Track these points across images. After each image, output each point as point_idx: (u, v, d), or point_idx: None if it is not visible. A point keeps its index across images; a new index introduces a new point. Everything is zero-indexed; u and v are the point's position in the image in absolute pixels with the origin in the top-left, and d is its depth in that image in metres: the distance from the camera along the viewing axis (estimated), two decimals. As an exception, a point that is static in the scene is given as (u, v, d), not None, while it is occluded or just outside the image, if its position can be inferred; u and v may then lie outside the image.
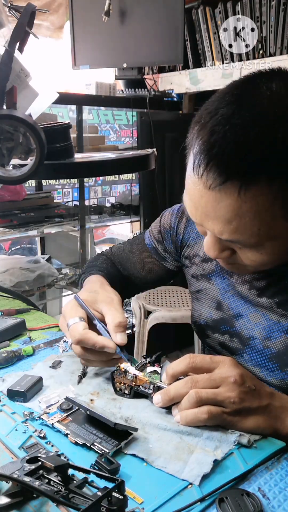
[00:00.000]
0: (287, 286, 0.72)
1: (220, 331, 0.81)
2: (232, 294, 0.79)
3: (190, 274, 0.89)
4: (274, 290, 0.73)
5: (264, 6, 1.88)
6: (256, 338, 0.74)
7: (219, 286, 0.81)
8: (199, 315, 0.86)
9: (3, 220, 1.95)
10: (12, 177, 0.80)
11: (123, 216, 2.52)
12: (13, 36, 0.77)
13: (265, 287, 0.74)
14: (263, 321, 0.74)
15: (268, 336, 0.73)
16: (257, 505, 0.49)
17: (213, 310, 0.82)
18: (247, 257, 0.64)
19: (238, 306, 0.78)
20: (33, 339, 0.90)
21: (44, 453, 0.54)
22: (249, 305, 0.76)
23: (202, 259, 0.86)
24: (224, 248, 0.65)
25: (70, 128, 1.29)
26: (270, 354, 0.72)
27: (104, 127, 3.31)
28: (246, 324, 0.76)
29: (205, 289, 0.84)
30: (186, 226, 0.90)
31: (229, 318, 0.79)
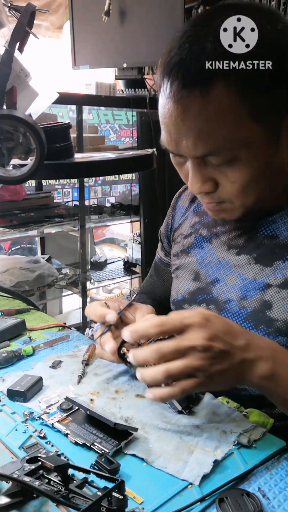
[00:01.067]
0: (264, 239, 0.73)
1: (197, 302, 0.80)
2: (209, 261, 0.80)
3: (172, 254, 0.91)
4: (252, 245, 0.74)
5: (264, 6, 1.88)
6: (232, 300, 0.74)
7: (197, 256, 0.83)
8: (177, 292, 0.85)
9: (3, 220, 1.95)
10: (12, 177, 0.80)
11: (123, 216, 2.52)
12: (13, 36, 0.77)
13: (243, 244, 0.75)
14: (239, 281, 0.74)
15: (244, 296, 0.73)
16: (257, 505, 0.49)
17: (191, 282, 0.82)
18: (229, 181, 0.65)
19: (214, 272, 0.78)
20: (33, 339, 0.90)
21: (44, 453, 0.54)
22: (225, 268, 0.77)
23: (183, 236, 0.88)
24: (205, 178, 0.66)
25: (70, 128, 1.29)
26: (246, 314, 0.72)
27: (104, 127, 3.31)
28: (223, 288, 0.76)
29: (183, 264, 0.86)
30: (173, 215, 0.94)
31: (205, 286, 0.79)
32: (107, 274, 2.54)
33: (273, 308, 0.69)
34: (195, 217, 0.88)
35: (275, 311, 0.69)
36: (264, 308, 0.70)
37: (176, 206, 0.95)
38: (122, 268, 2.61)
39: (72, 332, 0.94)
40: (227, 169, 0.64)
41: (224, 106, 0.59)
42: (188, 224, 0.89)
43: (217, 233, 0.80)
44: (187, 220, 0.89)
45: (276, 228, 0.72)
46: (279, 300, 0.69)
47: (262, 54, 0.58)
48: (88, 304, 0.79)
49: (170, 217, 0.95)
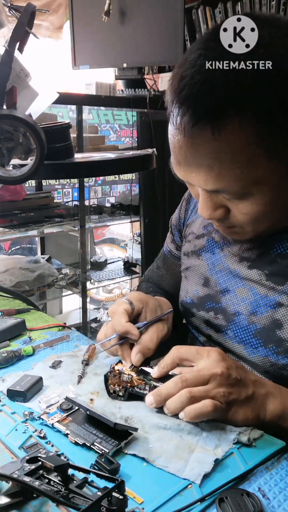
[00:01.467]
0: (277, 257, 0.71)
1: (205, 308, 0.79)
2: (220, 269, 0.78)
3: (183, 252, 0.90)
4: (264, 261, 0.72)
5: (264, 6, 1.88)
6: (242, 313, 0.73)
7: (208, 261, 0.81)
8: (186, 293, 0.85)
9: (3, 220, 1.94)
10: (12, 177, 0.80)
11: (123, 216, 2.51)
12: (13, 36, 0.77)
13: (256, 258, 0.73)
14: (250, 295, 0.73)
15: (254, 311, 0.72)
16: (257, 505, 0.49)
17: (200, 287, 0.81)
18: (239, 212, 0.64)
19: (225, 281, 0.77)
20: (33, 339, 0.90)
21: (44, 453, 0.54)
22: (237, 280, 0.75)
23: (195, 235, 0.86)
24: (216, 206, 0.65)
25: (70, 128, 1.29)
26: (254, 330, 0.71)
27: (104, 127, 3.31)
28: (233, 299, 0.75)
29: (194, 266, 0.84)
30: (187, 208, 0.92)
31: (215, 294, 0.78)
32: (107, 274, 2.54)
33: (284, 328, 0.68)
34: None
35: (286, 331, 0.68)
36: (274, 327, 0.69)
37: (190, 199, 0.92)
38: (122, 268, 2.61)
39: (72, 332, 0.94)
40: (239, 202, 0.62)
41: (238, 146, 0.56)
42: (201, 224, 0.86)
43: (230, 241, 0.78)
44: (201, 218, 0.87)
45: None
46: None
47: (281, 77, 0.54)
48: (115, 303, 0.77)
49: (183, 210, 0.92)
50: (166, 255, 1.00)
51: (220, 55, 0.55)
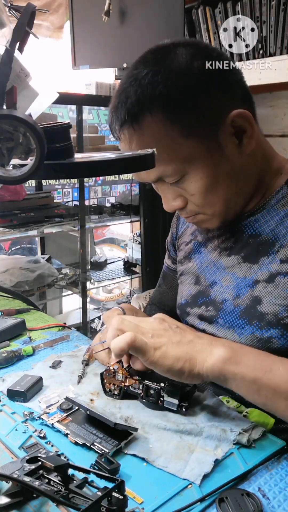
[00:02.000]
0: (249, 238, 0.77)
1: (197, 304, 0.84)
2: (207, 265, 0.84)
3: (177, 262, 0.95)
4: (239, 246, 0.78)
5: (264, 6, 1.88)
6: (228, 299, 0.78)
7: (197, 261, 0.87)
8: (181, 296, 0.89)
9: (3, 220, 1.94)
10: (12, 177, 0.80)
11: (123, 216, 2.51)
12: (13, 36, 0.77)
13: (232, 246, 0.79)
14: (232, 281, 0.78)
15: (237, 295, 0.76)
16: (257, 505, 0.49)
17: (192, 286, 0.86)
18: (189, 194, 0.72)
19: (212, 275, 0.82)
20: (33, 339, 0.90)
21: (44, 453, 0.54)
22: (221, 270, 0.81)
23: (185, 243, 0.92)
24: (173, 196, 0.75)
25: (70, 128, 1.29)
26: (239, 311, 0.75)
27: (104, 127, 3.31)
28: (220, 289, 0.80)
29: (186, 269, 0.89)
30: (177, 224, 0.99)
31: (205, 289, 0.83)
32: (107, 274, 2.54)
33: (263, 303, 0.72)
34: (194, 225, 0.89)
35: (265, 305, 0.72)
36: (255, 304, 0.73)
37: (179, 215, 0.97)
38: (122, 268, 2.61)
39: (72, 332, 0.94)
40: (184, 185, 0.71)
41: (156, 133, 0.68)
42: (189, 232, 0.93)
43: (210, 238, 0.84)
44: (189, 227, 0.93)
45: (259, 227, 0.76)
46: (267, 294, 0.72)
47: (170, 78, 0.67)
48: (106, 312, 0.85)
49: (174, 226, 0.99)
50: (165, 271, 1.06)
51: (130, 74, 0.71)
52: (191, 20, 2.15)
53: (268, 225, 0.75)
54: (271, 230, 0.74)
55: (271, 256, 0.73)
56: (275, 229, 0.74)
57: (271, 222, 0.75)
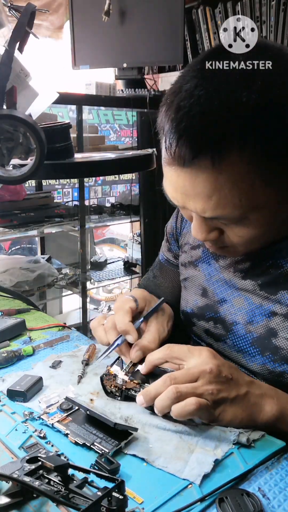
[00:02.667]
0: (269, 267, 0.71)
1: (205, 318, 0.81)
2: (216, 280, 0.79)
3: (180, 262, 0.90)
4: (257, 272, 0.73)
5: (264, 6, 1.88)
6: (239, 323, 0.74)
7: (205, 272, 0.82)
8: (186, 303, 0.86)
9: (3, 220, 1.94)
10: (12, 177, 0.80)
11: (123, 216, 2.51)
12: (13, 36, 0.77)
13: (249, 269, 0.74)
14: (246, 305, 0.74)
15: (250, 321, 0.73)
16: (257, 505, 0.49)
17: (199, 297, 0.83)
18: (234, 234, 0.64)
19: (222, 292, 0.78)
20: (33, 339, 0.90)
21: (44, 453, 0.54)
22: (233, 290, 0.76)
23: (191, 246, 0.87)
24: (211, 228, 0.65)
25: (70, 128, 1.29)
26: (252, 338, 0.72)
27: (104, 127, 3.31)
28: (230, 309, 0.76)
29: (191, 277, 0.85)
30: (182, 218, 0.92)
31: (213, 304, 0.79)
32: (107, 274, 2.54)
33: (279, 337, 0.69)
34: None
35: (280, 340, 0.69)
36: (270, 335, 0.70)
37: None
38: (122, 268, 2.61)
39: (72, 332, 0.94)
40: (235, 226, 0.63)
41: (237, 175, 0.56)
42: None
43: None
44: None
45: (281, 257, 0.70)
46: (284, 329, 0.69)
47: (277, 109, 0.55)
48: (121, 299, 0.78)
49: (179, 219, 0.92)
50: (163, 264, 1.00)
51: (217, 85, 0.55)
52: (191, 20, 2.15)
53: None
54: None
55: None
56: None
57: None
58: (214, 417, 0.60)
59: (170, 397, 0.59)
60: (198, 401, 0.58)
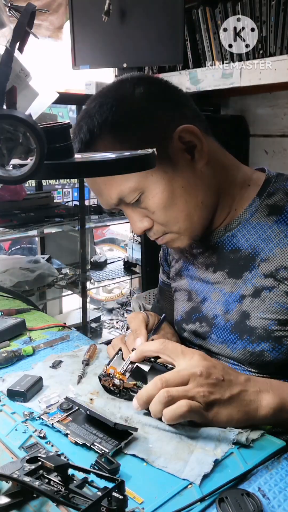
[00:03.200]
0: (229, 253, 0.78)
1: (192, 320, 0.85)
2: (196, 282, 0.85)
3: (170, 278, 0.97)
4: (222, 262, 0.80)
5: (264, 6, 1.87)
6: (219, 315, 0.79)
7: (187, 278, 0.88)
8: (177, 313, 0.90)
9: (3, 220, 1.94)
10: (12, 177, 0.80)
11: (123, 216, 2.51)
12: (13, 36, 0.77)
13: (216, 262, 0.81)
14: (221, 296, 0.79)
15: (227, 310, 0.77)
16: (257, 505, 0.49)
17: (185, 303, 0.87)
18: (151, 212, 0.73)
19: (202, 291, 0.83)
20: (33, 339, 0.90)
21: (44, 453, 0.54)
22: (209, 286, 0.81)
23: (175, 260, 0.94)
24: (139, 217, 0.75)
25: (70, 128, 1.29)
26: (230, 326, 0.76)
27: (104, 127, 3.31)
28: (210, 305, 0.81)
29: (179, 286, 0.91)
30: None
31: (197, 305, 0.84)
32: (107, 274, 2.54)
33: (251, 317, 0.73)
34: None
35: (253, 320, 0.73)
36: (244, 318, 0.74)
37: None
38: (122, 268, 2.61)
39: (72, 332, 0.94)
40: (143, 204, 0.72)
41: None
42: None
43: (195, 255, 0.84)
44: None
45: (237, 242, 0.77)
46: (254, 309, 0.73)
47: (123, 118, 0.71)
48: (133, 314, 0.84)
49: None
50: (161, 286, 1.06)
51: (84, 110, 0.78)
52: (191, 20, 2.15)
53: (245, 239, 0.76)
54: (249, 244, 0.76)
55: (254, 270, 0.74)
56: (253, 243, 0.75)
57: (248, 236, 0.76)
58: (208, 419, 0.60)
59: (161, 401, 0.59)
60: (189, 404, 0.58)
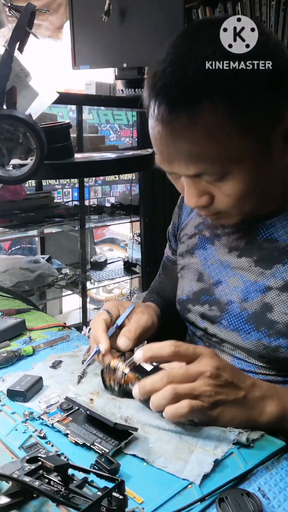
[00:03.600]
0: (263, 242, 0.74)
1: (200, 302, 0.81)
2: (212, 263, 0.81)
3: (178, 254, 0.93)
4: (252, 248, 0.75)
5: (264, 6, 1.88)
6: (234, 302, 0.75)
7: (201, 257, 0.84)
8: (182, 291, 0.87)
9: (3, 220, 1.94)
10: (12, 177, 0.80)
11: (123, 216, 2.51)
12: (13, 36, 0.77)
13: (244, 247, 0.76)
14: (241, 283, 0.75)
15: (245, 298, 0.74)
16: (257, 505, 0.49)
17: (194, 283, 0.84)
18: (223, 194, 0.66)
19: (217, 274, 0.80)
20: (33, 339, 0.90)
21: (44, 453, 0.54)
22: (228, 270, 0.78)
23: (188, 236, 0.89)
24: (201, 192, 0.67)
25: (70, 128, 1.29)
26: (247, 315, 0.73)
27: (104, 127, 3.31)
28: (225, 289, 0.78)
29: (188, 264, 0.87)
30: (180, 214, 0.95)
31: (209, 287, 0.81)
32: (107, 274, 2.54)
33: (274, 311, 0.70)
34: (199, 217, 0.88)
35: (276, 314, 0.70)
36: (265, 310, 0.71)
37: (182, 205, 0.96)
38: (122, 268, 2.61)
39: (72, 332, 0.94)
40: (221, 184, 0.65)
41: (212, 126, 0.60)
42: (192, 224, 0.90)
43: (219, 235, 0.81)
44: (192, 220, 0.90)
45: (275, 232, 0.73)
46: (279, 303, 0.70)
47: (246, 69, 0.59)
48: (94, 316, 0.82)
49: (176, 216, 0.96)
50: (165, 262, 1.04)
51: (187, 48, 0.61)
52: (191, 20, 2.15)
53: (285, 230, 0.72)
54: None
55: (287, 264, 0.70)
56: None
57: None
58: (211, 418, 0.60)
59: (166, 397, 0.58)
60: (190, 404, 0.57)
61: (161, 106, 0.61)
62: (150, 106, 0.63)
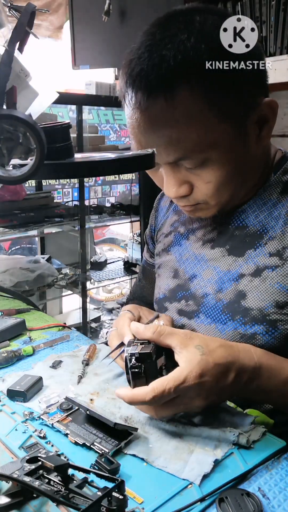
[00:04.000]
0: (235, 230, 0.74)
1: (177, 299, 0.81)
2: (187, 258, 0.81)
3: (155, 254, 0.93)
4: (224, 238, 0.75)
5: (264, 6, 1.88)
6: (209, 294, 0.75)
7: (176, 254, 0.84)
8: (159, 291, 0.86)
9: (3, 220, 1.94)
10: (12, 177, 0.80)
11: (123, 216, 2.51)
12: (13, 36, 0.77)
13: (216, 237, 0.76)
14: (214, 274, 0.75)
15: (220, 289, 0.73)
16: (257, 505, 0.49)
17: (170, 280, 0.83)
18: (202, 182, 0.66)
19: (192, 268, 0.79)
20: (33, 339, 0.90)
21: (44, 453, 0.54)
22: (202, 263, 0.78)
23: (164, 235, 0.89)
24: (180, 182, 0.67)
25: (70, 128, 1.28)
26: (222, 306, 0.73)
27: (104, 127, 3.31)
28: (200, 283, 0.77)
29: (164, 262, 0.86)
30: (156, 216, 0.96)
31: (184, 282, 0.80)
32: (107, 274, 2.54)
33: (247, 297, 0.70)
34: (175, 215, 0.88)
35: (249, 300, 0.69)
36: (239, 298, 0.70)
37: (158, 207, 0.96)
38: (122, 268, 2.61)
39: (72, 332, 0.94)
40: (200, 171, 0.65)
41: (191, 111, 0.60)
42: (168, 223, 0.90)
43: (193, 229, 0.81)
44: (168, 219, 0.90)
45: (245, 218, 0.73)
46: (252, 289, 0.69)
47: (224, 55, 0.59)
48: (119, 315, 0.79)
49: (153, 218, 0.97)
50: (144, 266, 1.03)
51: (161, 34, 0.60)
52: (191, 20, 2.15)
53: (255, 215, 0.72)
54: (259, 221, 0.71)
55: (259, 248, 0.70)
56: (263, 220, 0.71)
57: (258, 212, 0.72)
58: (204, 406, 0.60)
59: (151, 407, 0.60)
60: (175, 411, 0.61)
61: (139, 92, 0.60)
62: (127, 94, 0.63)
